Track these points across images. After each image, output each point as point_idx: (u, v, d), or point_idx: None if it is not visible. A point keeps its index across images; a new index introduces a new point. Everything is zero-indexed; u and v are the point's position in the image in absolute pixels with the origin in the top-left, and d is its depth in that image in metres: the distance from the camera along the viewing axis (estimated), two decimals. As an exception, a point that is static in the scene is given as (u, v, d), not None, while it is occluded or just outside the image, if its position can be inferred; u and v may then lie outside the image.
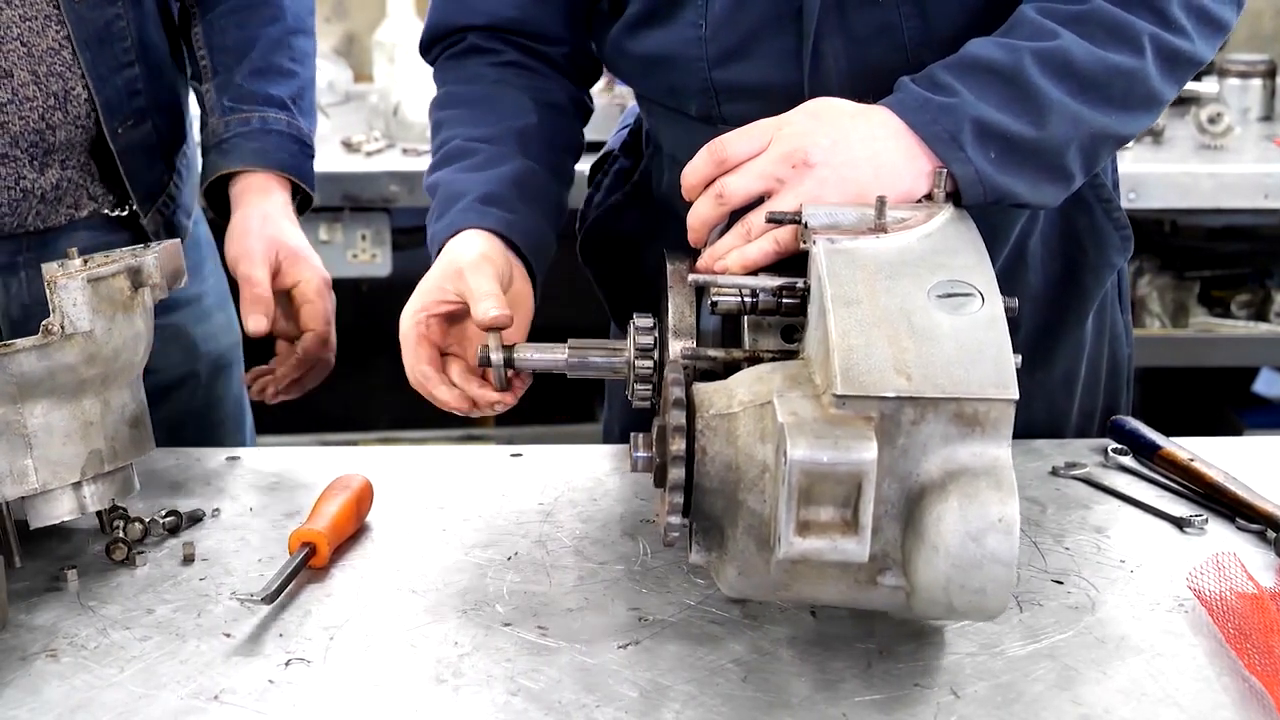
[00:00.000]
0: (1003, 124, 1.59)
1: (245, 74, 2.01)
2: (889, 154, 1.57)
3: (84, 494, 1.63)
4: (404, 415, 4.03)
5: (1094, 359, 2.00)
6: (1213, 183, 3.31)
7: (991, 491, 1.29)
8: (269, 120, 1.99)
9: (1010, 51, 1.62)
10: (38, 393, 1.58)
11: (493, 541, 1.68)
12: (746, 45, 1.77)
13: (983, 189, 1.58)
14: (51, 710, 1.37)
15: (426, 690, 1.40)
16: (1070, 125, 1.63)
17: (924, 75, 1.64)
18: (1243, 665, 1.40)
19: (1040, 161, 1.63)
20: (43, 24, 1.89)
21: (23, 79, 1.88)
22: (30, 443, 1.59)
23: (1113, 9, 1.64)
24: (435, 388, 1.69)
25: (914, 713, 1.35)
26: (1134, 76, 1.65)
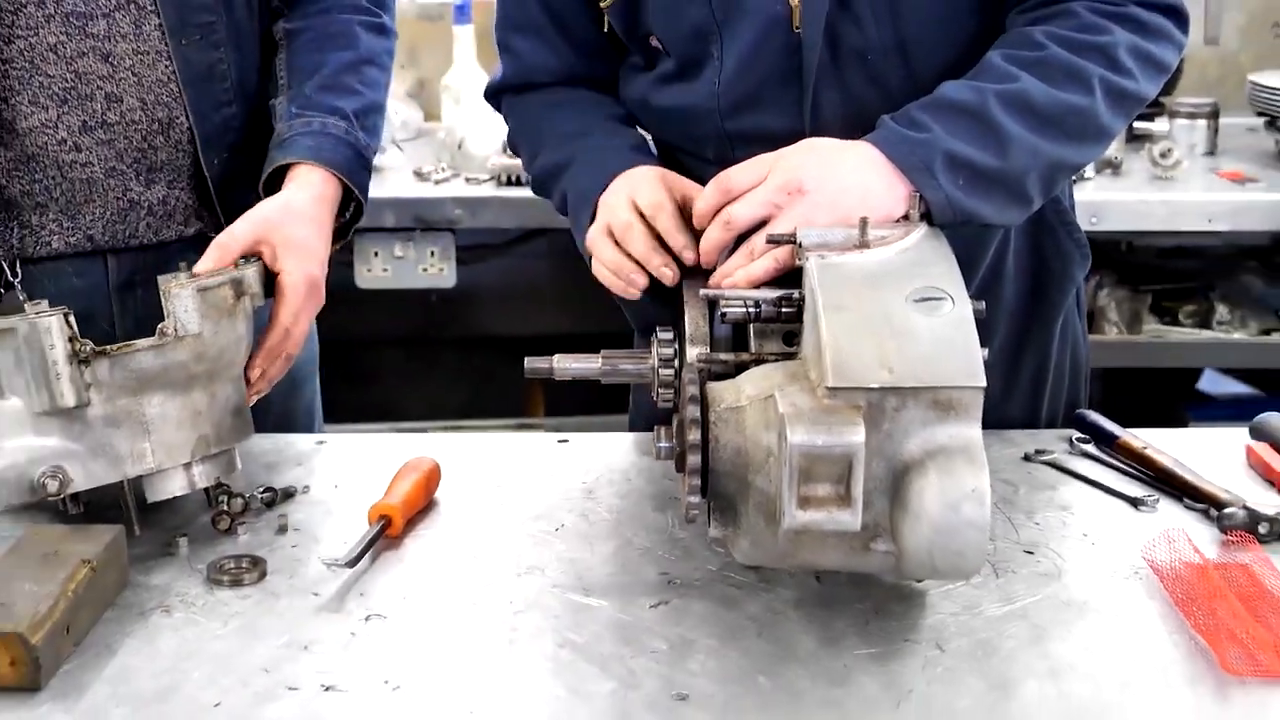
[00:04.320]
0: (970, 155, 1.59)
1: (314, 87, 1.95)
2: (872, 182, 1.57)
3: (193, 473, 1.64)
4: (467, 406, 4.05)
5: (1059, 360, 2.00)
6: (1164, 209, 3.30)
7: (966, 467, 1.30)
8: (328, 125, 1.92)
9: (977, 93, 1.62)
10: (154, 386, 1.59)
11: (542, 515, 1.68)
12: (755, 99, 1.76)
13: (952, 211, 1.58)
14: (165, 658, 1.37)
15: (486, 643, 1.40)
16: (1029, 156, 1.62)
17: (902, 114, 1.64)
18: (1189, 625, 1.39)
19: (1003, 187, 1.63)
20: (153, 59, 1.88)
21: (130, 104, 1.88)
22: (148, 429, 1.60)
23: (1067, 54, 1.64)
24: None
25: (905, 664, 1.35)
26: (1086, 113, 1.65)
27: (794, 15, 1.71)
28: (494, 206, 3.34)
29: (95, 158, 1.87)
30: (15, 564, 1.43)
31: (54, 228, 1.89)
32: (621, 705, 1.29)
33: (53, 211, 1.89)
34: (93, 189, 1.89)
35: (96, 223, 1.91)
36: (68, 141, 1.85)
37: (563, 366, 1.62)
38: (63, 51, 1.84)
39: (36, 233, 1.89)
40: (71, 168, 1.86)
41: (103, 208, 1.90)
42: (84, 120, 1.86)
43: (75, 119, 1.85)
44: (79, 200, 1.89)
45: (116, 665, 1.36)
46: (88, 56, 1.85)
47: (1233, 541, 1.55)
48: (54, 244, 1.90)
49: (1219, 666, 1.32)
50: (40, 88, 1.83)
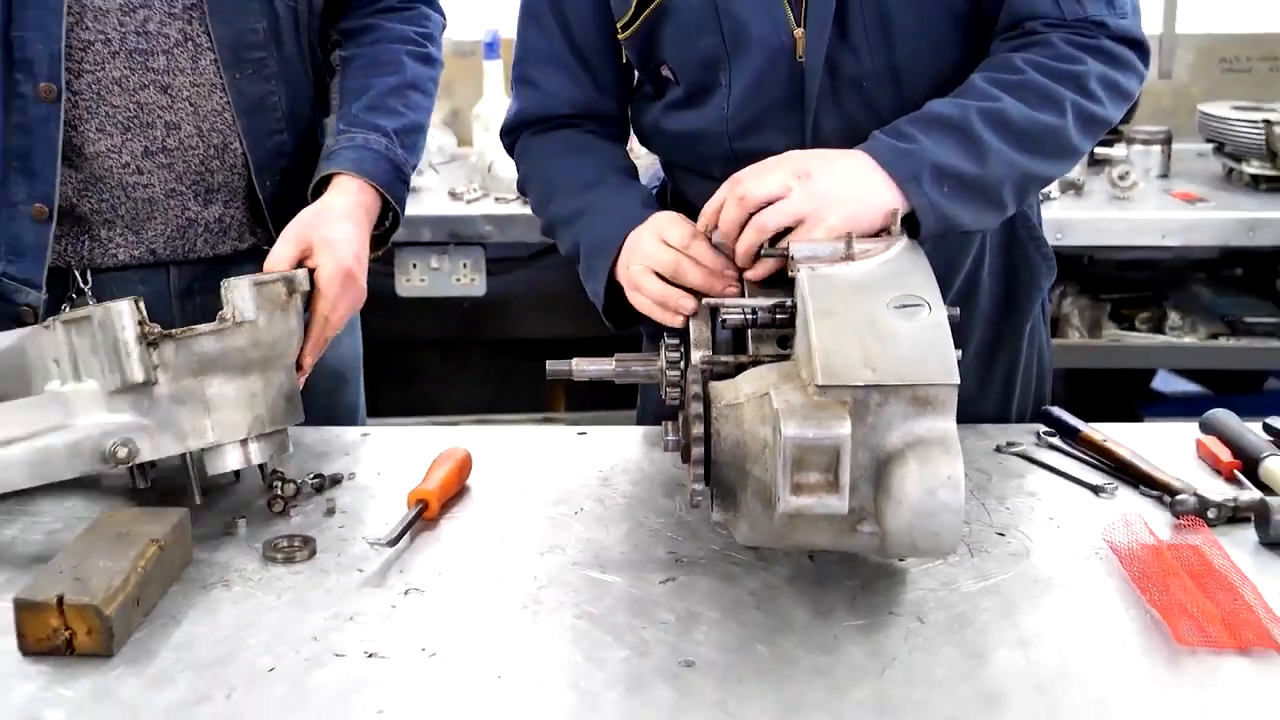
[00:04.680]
0: (953, 165, 1.60)
1: (361, 107, 1.94)
2: (868, 180, 1.58)
3: (249, 450, 1.63)
4: (495, 402, 4.05)
5: (1027, 362, 1.99)
6: (1122, 226, 3.30)
7: (942, 456, 1.31)
8: (370, 141, 1.90)
9: (961, 109, 1.62)
10: (215, 369, 1.59)
11: (563, 499, 1.67)
12: (761, 122, 1.76)
13: (934, 216, 1.58)
14: (225, 628, 1.38)
15: (512, 614, 1.40)
16: (1006, 167, 1.63)
17: (891, 128, 1.64)
18: (1145, 600, 1.39)
19: (981, 195, 1.63)
20: (209, 91, 1.88)
21: (188, 132, 1.88)
22: (209, 407, 1.59)
23: (1044, 80, 1.64)
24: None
25: (889, 635, 1.34)
26: (1057, 133, 1.65)
27: (797, 46, 1.71)
28: (520, 223, 3.34)
29: (156, 180, 1.88)
30: (91, 543, 1.43)
31: (120, 241, 1.90)
32: (634, 671, 1.29)
33: (119, 227, 1.89)
34: (154, 208, 1.89)
35: (158, 238, 1.91)
36: (131, 165, 1.86)
37: (581, 368, 1.62)
38: (126, 84, 1.84)
39: (104, 245, 1.90)
40: (134, 188, 1.87)
41: (163, 224, 1.91)
42: (145, 146, 1.86)
43: (138, 145, 1.86)
44: (142, 217, 1.89)
45: (181, 634, 1.36)
46: (149, 89, 1.85)
47: (1184, 525, 1.55)
48: (120, 256, 1.91)
49: (1172, 638, 1.32)
50: (106, 116, 1.84)
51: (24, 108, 1.81)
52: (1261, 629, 1.32)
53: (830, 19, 1.69)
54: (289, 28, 1.93)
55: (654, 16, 1.76)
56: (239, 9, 1.87)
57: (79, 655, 1.31)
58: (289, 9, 1.92)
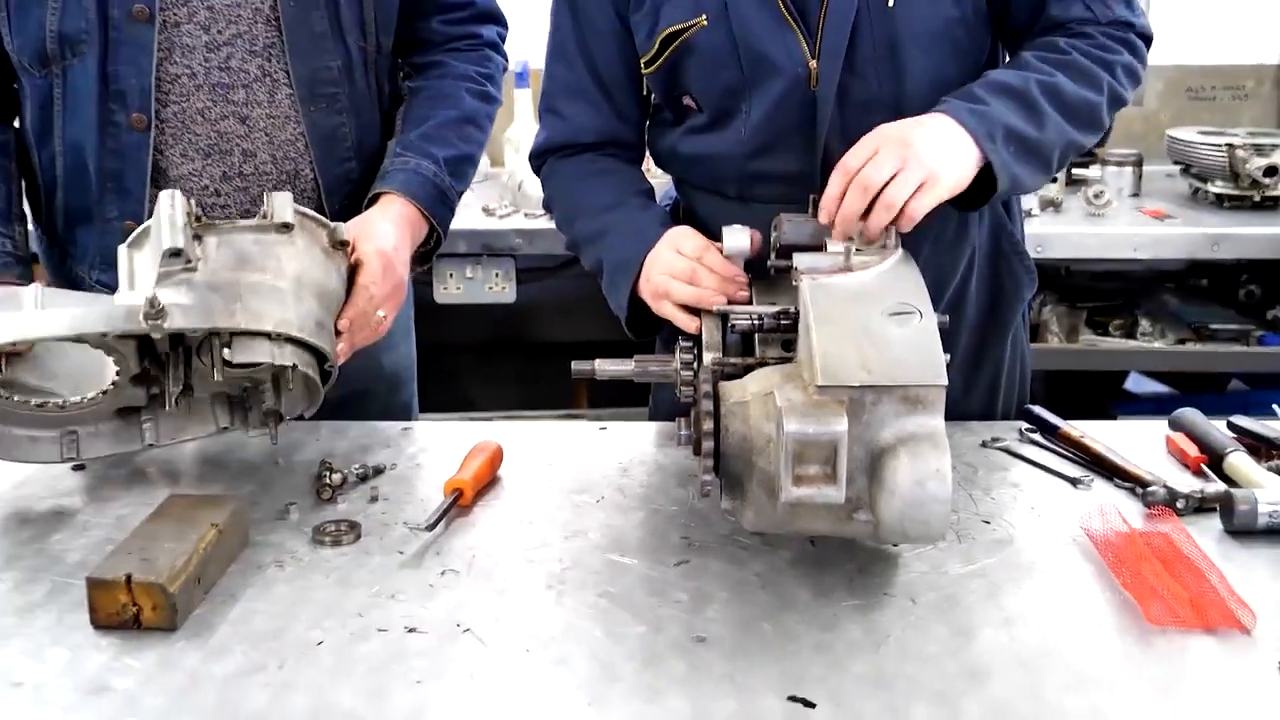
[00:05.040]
0: (1020, 128, 1.63)
1: (418, 135, 1.94)
2: (954, 138, 1.58)
3: (276, 347, 1.55)
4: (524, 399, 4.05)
5: (1010, 365, 1.98)
6: (1097, 240, 3.28)
7: (931, 451, 1.30)
8: (421, 166, 1.90)
9: (1023, 79, 1.67)
10: (250, 268, 1.55)
11: (586, 489, 1.67)
12: (774, 145, 1.75)
13: (1006, 175, 1.62)
14: (279, 604, 1.37)
15: (539, 593, 1.40)
16: (1058, 133, 1.67)
17: (963, 91, 1.66)
18: (1119, 583, 1.38)
19: (1038, 158, 1.67)
20: (284, 122, 1.88)
21: (263, 159, 1.88)
22: (239, 296, 1.53)
23: (1087, 62, 1.70)
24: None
25: (884, 614, 1.34)
26: (1096, 107, 1.71)
27: (812, 76, 1.70)
28: (547, 237, 3.33)
29: (233, 202, 1.88)
30: (157, 527, 1.43)
31: None
32: (650, 645, 1.28)
33: None
34: None
35: None
36: (210, 188, 1.86)
37: (603, 368, 1.61)
38: (208, 115, 1.84)
39: None
40: (213, 209, 1.87)
41: None
42: (224, 171, 1.86)
43: (216, 170, 1.86)
44: None
45: (238, 610, 1.36)
46: (228, 119, 1.85)
47: (1155, 514, 1.54)
48: None
49: (1144, 618, 1.31)
50: (189, 144, 1.84)
51: (117, 134, 1.82)
52: (1226, 610, 1.31)
53: (842, 52, 1.69)
54: (360, 66, 1.92)
55: (677, 53, 1.76)
56: (315, 48, 1.86)
57: (145, 629, 1.31)
58: (360, 49, 1.91)
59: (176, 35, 1.80)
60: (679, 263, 1.66)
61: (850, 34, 1.69)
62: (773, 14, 1.70)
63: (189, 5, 1.80)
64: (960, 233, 1.84)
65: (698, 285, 1.64)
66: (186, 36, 1.80)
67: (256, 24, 1.83)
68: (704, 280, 1.64)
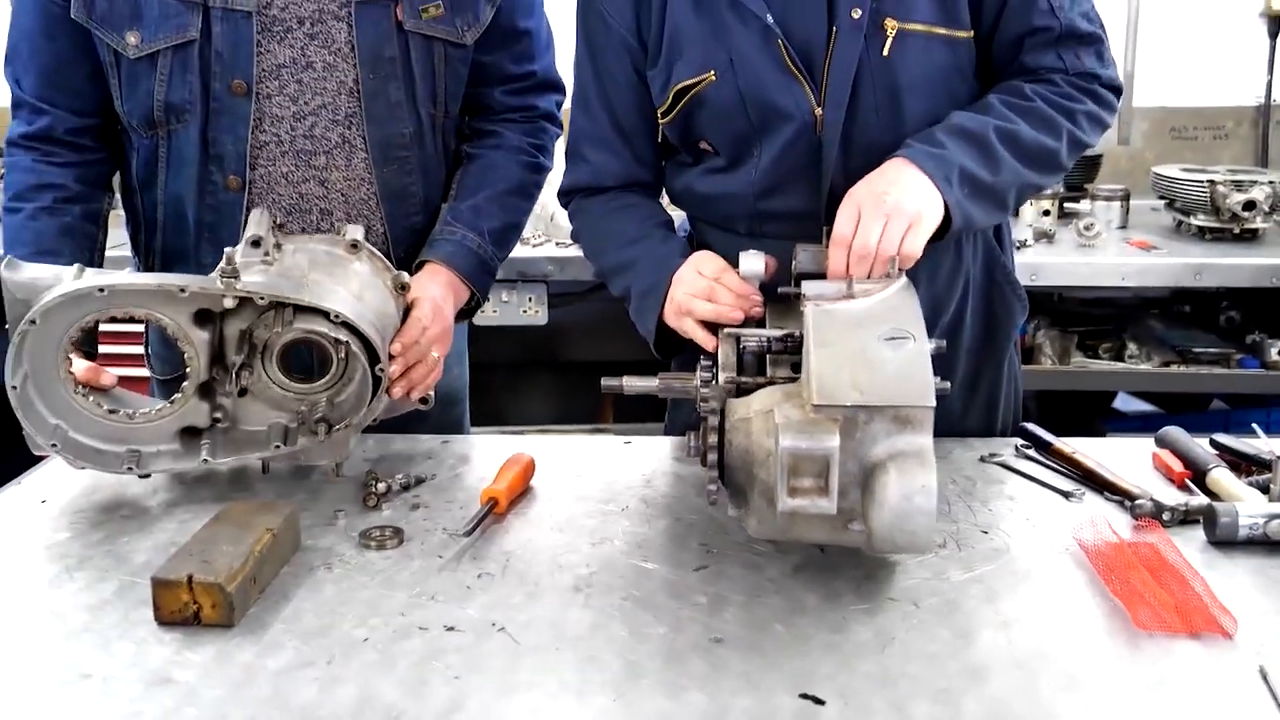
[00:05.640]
0: (974, 171, 1.63)
1: (468, 206, 1.94)
2: (919, 182, 1.59)
3: (333, 329, 1.59)
4: (555, 415, 4.06)
5: (1006, 387, 1.97)
6: (1087, 269, 3.27)
7: (919, 467, 1.30)
8: (467, 239, 1.91)
9: (982, 125, 1.66)
10: (320, 269, 1.65)
11: (612, 499, 1.67)
12: (782, 185, 1.75)
13: (960, 214, 1.61)
14: (327, 604, 1.37)
15: (568, 596, 1.39)
16: (1012, 176, 1.67)
17: (924, 134, 1.66)
18: (1109, 590, 1.37)
19: (992, 198, 1.67)
20: (358, 183, 1.89)
21: (339, 217, 1.88)
22: (305, 283, 1.62)
23: (1049, 109, 1.70)
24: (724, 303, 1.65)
25: (888, 617, 1.33)
26: (1053, 153, 1.71)
27: (817, 123, 1.70)
28: (577, 264, 3.34)
29: None
30: (216, 531, 1.43)
31: None
32: (671, 645, 1.28)
33: None
34: None
35: None
36: None
37: (630, 384, 1.61)
38: (291, 179, 1.86)
39: None
40: None
41: None
42: (303, 228, 1.88)
43: (296, 226, 1.87)
44: None
45: (290, 608, 1.36)
46: (309, 182, 1.87)
47: (1142, 526, 1.53)
48: None
49: (1132, 623, 1.30)
50: (273, 202, 1.86)
51: (215, 193, 1.84)
52: (1209, 616, 1.29)
53: (845, 100, 1.69)
54: (429, 130, 1.93)
55: (689, 105, 1.76)
56: (390, 116, 1.87)
57: (205, 625, 1.32)
58: (430, 116, 1.92)
59: (268, 105, 1.82)
60: (699, 282, 1.67)
61: (852, 83, 1.69)
62: (778, 67, 1.70)
63: (280, 79, 1.82)
64: (955, 265, 1.84)
65: (716, 302, 1.64)
66: (276, 107, 1.83)
67: (340, 95, 1.84)
68: (722, 298, 1.64)
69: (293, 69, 1.82)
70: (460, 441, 1.91)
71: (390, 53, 1.84)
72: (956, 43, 1.72)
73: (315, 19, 1.81)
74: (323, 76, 1.83)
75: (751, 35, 1.70)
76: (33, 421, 1.61)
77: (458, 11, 1.88)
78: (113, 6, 1.77)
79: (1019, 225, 3.50)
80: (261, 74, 1.81)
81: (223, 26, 1.78)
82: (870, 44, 1.68)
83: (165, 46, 1.77)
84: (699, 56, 1.73)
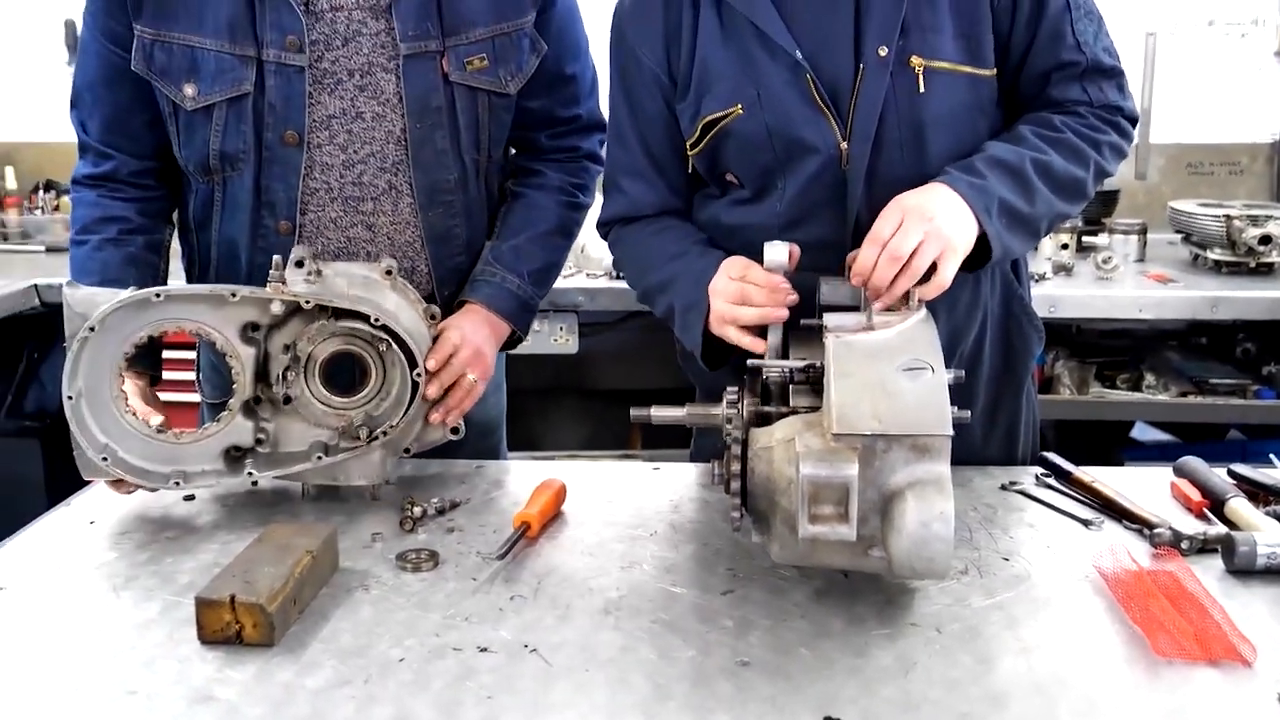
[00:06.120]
0: (1013, 202, 1.64)
1: (508, 246, 1.95)
2: (961, 210, 1.59)
3: (374, 330, 1.67)
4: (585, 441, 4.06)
5: (1025, 416, 1.96)
6: (1105, 301, 3.26)
7: (936, 495, 1.29)
8: (507, 280, 1.92)
9: (1018, 156, 1.67)
10: (358, 288, 1.71)
11: (640, 523, 1.66)
12: (807, 217, 1.75)
13: (1000, 245, 1.62)
14: (364, 624, 1.38)
15: (597, 618, 1.39)
16: (1046, 206, 1.68)
17: (965, 165, 1.66)
18: (1128, 617, 1.36)
19: (1028, 228, 1.68)
20: (404, 227, 1.90)
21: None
22: (345, 296, 1.69)
23: (1078, 141, 1.71)
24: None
25: (911, 642, 1.32)
26: (1082, 182, 1.72)
27: (843, 157, 1.71)
28: (606, 294, 3.35)
29: None
30: (258, 553, 1.44)
31: None
32: (699, 668, 1.27)
33: None
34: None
35: None
36: None
37: (658, 414, 1.61)
38: (340, 224, 1.88)
39: None
40: None
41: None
42: None
43: None
44: None
45: (329, 628, 1.37)
46: (356, 227, 1.89)
47: (1161, 554, 1.51)
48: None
49: (1151, 650, 1.28)
50: (322, 246, 1.88)
51: (267, 236, 1.87)
52: (1228, 644, 1.28)
53: (871, 135, 1.69)
54: (473, 175, 1.94)
55: (717, 138, 1.77)
56: (436, 163, 1.89)
57: (246, 644, 1.32)
58: (475, 161, 1.93)
59: (318, 154, 1.85)
60: (730, 286, 1.66)
61: (878, 118, 1.69)
62: (805, 101, 1.70)
63: (330, 129, 1.84)
64: (973, 298, 1.83)
65: (749, 302, 1.63)
66: (326, 156, 1.85)
67: (388, 144, 1.86)
68: (754, 296, 1.63)
69: (343, 119, 1.84)
70: (494, 467, 1.91)
71: (437, 103, 1.86)
72: (980, 81, 1.72)
73: (365, 71, 1.83)
74: (371, 126, 1.85)
75: (780, 70, 1.71)
76: (85, 436, 1.63)
77: (502, 63, 1.89)
78: (171, 60, 1.80)
79: (1038, 259, 3.49)
80: (313, 125, 1.83)
81: (276, 80, 1.80)
82: (896, 81, 1.69)
83: (221, 99, 1.80)
84: (727, 90, 1.74)
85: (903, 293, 1.55)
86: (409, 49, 1.82)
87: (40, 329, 3.54)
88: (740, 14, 1.72)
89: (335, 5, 1.81)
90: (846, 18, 1.69)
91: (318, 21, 1.80)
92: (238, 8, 1.78)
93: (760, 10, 1.71)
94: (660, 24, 1.80)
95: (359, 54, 1.82)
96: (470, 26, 1.85)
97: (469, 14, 1.85)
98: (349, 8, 1.81)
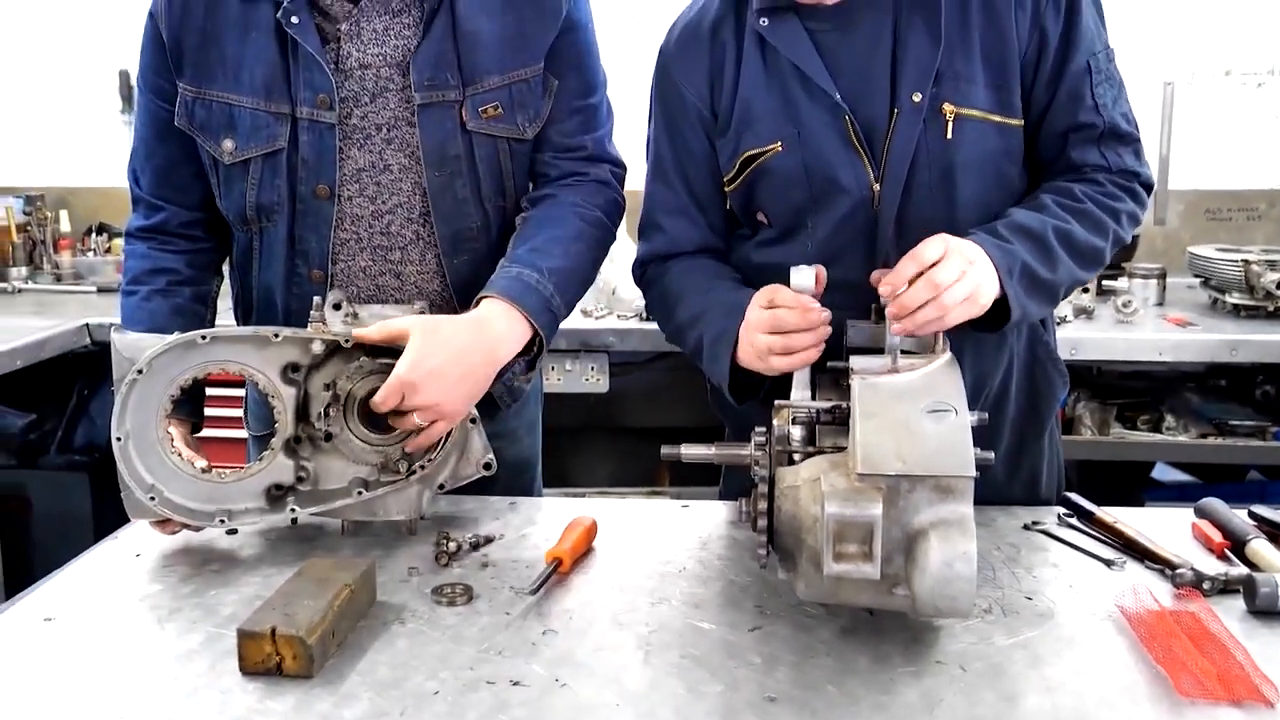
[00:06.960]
0: (1035, 268, 1.63)
1: (524, 249, 1.86)
2: (988, 268, 1.58)
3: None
4: (614, 477, 4.05)
5: (1048, 458, 1.95)
6: (1125, 344, 3.24)
7: (959, 535, 1.29)
8: (523, 274, 1.80)
9: (1041, 224, 1.66)
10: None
11: (670, 560, 1.66)
12: (836, 258, 1.74)
13: (1019, 307, 1.62)
14: (399, 657, 1.38)
15: (628, 653, 1.39)
16: (1067, 274, 1.68)
17: (990, 228, 1.65)
18: (1151, 657, 1.34)
19: (1047, 293, 1.67)
20: (430, 275, 1.91)
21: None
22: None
23: (1099, 211, 1.70)
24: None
25: (936, 679, 1.31)
26: (1100, 252, 1.71)
27: (875, 199, 1.71)
28: (637, 335, 3.36)
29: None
30: (297, 586, 1.44)
31: None
32: (727, 703, 1.26)
33: None
34: None
35: None
36: None
37: (688, 453, 1.60)
38: (369, 272, 1.90)
39: None
40: None
41: None
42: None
43: None
44: None
45: (366, 660, 1.37)
46: (385, 275, 1.90)
47: (1183, 595, 1.49)
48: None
49: (1174, 690, 1.27)
50: (352, 295, 1.89)
51: (301, 284, 1.89)
52: (1250, 684, 1.26)
53: (903, 178, 1.70)
54: (496, 221, 1.94)
55: (754, 174, 1.77)
56: (459, 213, 1.89)
57: (286, 676, 1.32)
58: (499, 208, 1.93)
59: (348, 206, 1.86)
60: (761, 316, 1.63)
61: (910, 162, 1.69)
62: (842, 142, 1.71)
63: (360, 182, 1.86)
64: (1000, 342, 1.82)
65: (783, 328, 1.60)
66: (356, 207, 1.87)
67: (414, 195, 1.88)
68: (786, 321, 1.60)
69: (371, 172, 1.86)
70: (527, 504, 1.91)
71: (455, 151, 1.86)
72: (1009, 130, 1.73)
73: (391, 125, 1.85)
74: (398, 178, 1.87)
75: (819, 111, 1.72)
76: (133, 477, 1.65)
77: (519, 109, 1.89)
78: (210, 116, 1.84)
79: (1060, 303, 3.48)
80: (343, 178, 1.85)
81: (308, 136, 1.82)
82: (929, 126, 1.69)
83: (257, 155, 1.83)
84: (768, 128, 1.75)
85: (923, 324, 1.53)
86: (423, 99, 1.84)
87: (90, 367, 3.58)
88: (783, 56, 1.74)
89: (364, 64, 1.83)
90: (884, 64, 1.70)
91: (347, 79, 1.83)
92: (273, 67, 1.81)
93: (803, 52, 1.72)
94: (705, 60, 1.81)
95: (386, 109, 1.84)
96: (485, 75, 1.86)
97: (485, 62, 1.85)
98: (376, 65, 1.83)
